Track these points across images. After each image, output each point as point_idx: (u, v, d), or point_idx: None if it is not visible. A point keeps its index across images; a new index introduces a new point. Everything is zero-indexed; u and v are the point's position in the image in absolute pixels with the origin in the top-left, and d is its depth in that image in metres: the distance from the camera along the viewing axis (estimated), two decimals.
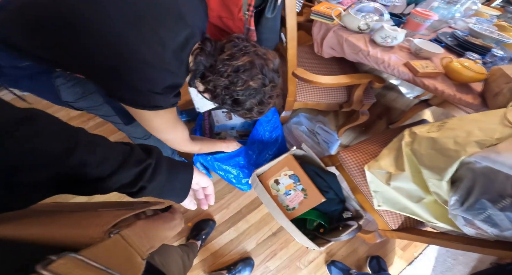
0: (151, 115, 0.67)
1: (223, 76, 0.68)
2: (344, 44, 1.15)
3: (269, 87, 0.73)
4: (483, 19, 1.45)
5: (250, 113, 0.78)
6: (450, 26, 1.41)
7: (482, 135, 0.62)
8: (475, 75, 0.89)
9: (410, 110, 1.53)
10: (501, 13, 1.88)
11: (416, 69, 0.93)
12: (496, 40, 1.17)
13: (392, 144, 0.90)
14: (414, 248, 1.38)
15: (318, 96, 1.30)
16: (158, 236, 0.36)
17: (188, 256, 0.91)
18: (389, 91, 2.08)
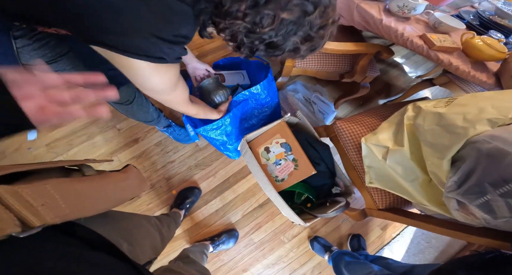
0: (152, 70, 0.52)
1: (238, 18, 0.47)
2: (354, 11, 1.05)
3: (317, 14, 0.49)
4: (510, 3, 1.35)
5: (297, 53, 0.57)
6: (473, 6, 1.31)
7: (496, 113, 0.56)
8: (496, 54, 0.83)
9: (412, 89, 1.46)
10: None
11: (433, 42, 0.85)
12: None
13: (393, 118, 0.84)
14: (393, 229, 1.38)
15: (319, 63, 1.21)
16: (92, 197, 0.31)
17: (168, 226, 0.87)
18: (392, 69, 2.00)
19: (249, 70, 1.50)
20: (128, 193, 0.39)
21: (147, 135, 1.45)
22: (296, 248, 1.26)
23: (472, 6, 1.32)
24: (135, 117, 1.14)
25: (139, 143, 1.43)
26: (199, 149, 1.43)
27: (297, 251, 1.26)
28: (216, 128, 1.20)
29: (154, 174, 1.34)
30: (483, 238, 0.63)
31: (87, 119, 1.48)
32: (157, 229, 0.70)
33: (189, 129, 1.35)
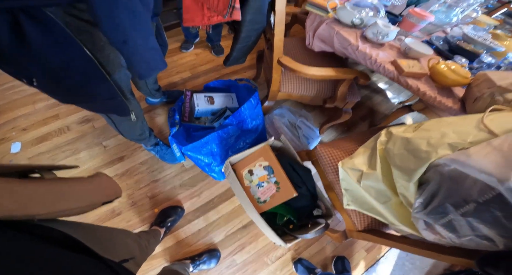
0: None
1: None
2: (334, 38, 1.12)
3: None
4: (479, 28, 1.43)
5: None
6: (444, 31, 1.39)
7: (456, 137, 0.60)
8: (460, 79, 0.87)
9: (393, 114, 1.51)
10: (499, 24, 1.87)
11: (402, 68, 0.91)
12: (487, 47, 1.15)
13: (369, 143, 0.87)
14: (378, 250, 1.38)
15: (303, 88, 1.26)
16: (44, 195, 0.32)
17: (148, 241, 0.87)
18: (375, 95, 2.08)
19: (238, 93, 1.55)
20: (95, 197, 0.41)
21: (133, 154, 1.46)
22: (279, 270, 1.25)
23: (443, 31, 1.40)
24: (129, 134, 1.17)
25: (125, 160, 1.44)
26: (185, 170, 1.44)
27: (281, 273, 1.24)
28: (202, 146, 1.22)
29: (137, 191, 1.34)
30: (452, 257, 0.64)
31: (74, 134, 1.49)
32: (136, 242, 0.70)
33: (175, 148, 1.36)
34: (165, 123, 1.62)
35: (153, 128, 1.52)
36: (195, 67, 2.01)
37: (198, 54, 2.14)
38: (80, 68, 0.67)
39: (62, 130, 1.51)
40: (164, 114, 1.65)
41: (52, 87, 0.70)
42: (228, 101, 1.51)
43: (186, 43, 2.15)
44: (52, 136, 1.47)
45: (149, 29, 0.71)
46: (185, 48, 2.13)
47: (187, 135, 1.40)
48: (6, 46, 0.55)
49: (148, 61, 0.76)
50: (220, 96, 1.51)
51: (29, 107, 1.60)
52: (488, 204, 0.52)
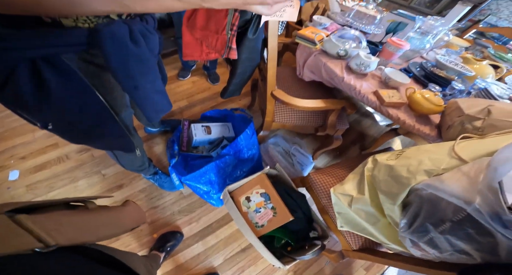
0: None
1: None
2: (322, 69, 1.22)
3: None
4: (452, 51, 1.55)
5: None
6: (422, 56, 1.51)
7: (431, 165, 0.68)
8: (434, 107, 0.97)
9: (381, 138, 1.61)
10: (470, 45, 2.01)
11: (383, 98, 1.00)
12: (458, 73, 1.25)
13: (358, 169, 0.95)
14: (377, 269, 1.42)
15: (295, 118, 1.36)
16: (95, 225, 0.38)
17: (151, 265, 0.90)
18: (365, 118, 2.18)
19: (234, 123, 1.63)
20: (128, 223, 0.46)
21: (132, 182, 1.50)
22: None
23: (421, 56, 1.52)
24: (130, 166, 1.21)
25: (123, 188, 1.47)
26: (183, 197, 1.48)
27: None
28: (201, 176, 1.27)
29: None
30: (439, 270, 0.71)
31: (73, 163, 1.52)
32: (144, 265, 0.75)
33: (174, 178, 1.41)
34: (164, 152, 1.67)
35: (151, 157, 1.57)
36: (192, 95, 2.10)
37: (194, 82, 2.24)
38: (93, 112, 0.72)
39: (61, 159, 1.55)
40: (162, 144, 1.71)
41: (66, 130, 0.75)
42: (224, 131, 1.58)
43: (183, 70, 2.25)
44: (50, 165, 1.51)
45: (156, 74, 0.79)
46: (182, 76, 2.23)
47: (185, 164, 1.46)
48: (27, 95, 0.58)
49: (156, 104, 0.82)
50: (217, 126, 1.59)
51: (28, 136, 1.64)
52: (461, 222, 0.59)
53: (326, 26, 1.48)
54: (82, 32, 0.59)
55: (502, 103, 0.92)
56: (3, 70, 0.53)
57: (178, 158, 1.46)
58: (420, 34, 1.37)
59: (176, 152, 1.50)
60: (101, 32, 0.59)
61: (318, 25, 1.48)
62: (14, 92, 0.56)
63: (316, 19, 1.51)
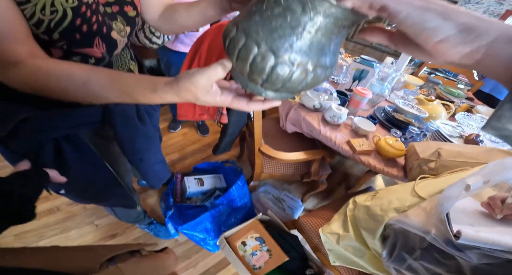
0: None
1: None
2: (302, 122, 1.39)
3: None
4: (409, 91, 1.77)
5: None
6: (386, 99, 1.70)
7: (398, 203, 0.83)
8: (397, 152, 1.15)
9: (363, 177, 1.77)
10: (424, 82, 2.27)
11: (355, 147, 1.18)
12: (415, 116, 1.45)
13: (341, 210, 1.09)
14: None
15: (282, 169, 1.51)
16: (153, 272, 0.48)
17: None
18: (347, 160, 2.37)
19: (225, 174, 1.76)
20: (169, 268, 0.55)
21: (125, 231, 1.52)
22: None
23: (385, 99, 1.72)
24: (127, 218, 1.27)
25: (117, 238, 1.48)
26: (179, 244, 1.52)
27: None
28: (197, 225, 1.35)
29: None
30: None
31: (64, 214, 1.54)
32: None
33: (170, 227, 1.48)
34: (157, 203, 1.73)
35: (146, 208, 1.63)
36: (183, 148, 2.20)
37: (185, 134, 2.35)
38: (103, 180, 0.79)
39: (52, 210, 1.56)
40: (155, 195, 1.77)
41: (77, 195, 0.81)
42: (216, 182, 1.70)
43: (174, 122, 2.35)
44: (41, 216, 1.52)
45: (158, 147, 0.89)
46: (173, 128, 2.33)
47: (180, 213, 1.53)
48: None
49: (158, 173, 0.92)
50: (209, 178, 1.70)
51: None
52: (428, 249, 0.73)
53: None
54: (96, 111, 0.67)
55: (450, 144, 1.12)
56: (35, 150, 0.62)
57: (173, 209, 1.54)
58: (380, 81, 1.58)
59: (171, 204, 1.57)
60: (113, 111, 0.67)
61: None
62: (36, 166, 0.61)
63: None
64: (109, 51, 0.64)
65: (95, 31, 0.58)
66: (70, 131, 0.65)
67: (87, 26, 0.56)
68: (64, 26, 0.51)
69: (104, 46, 0.62)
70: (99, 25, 0.58)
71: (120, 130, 0.71)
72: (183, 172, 1.79)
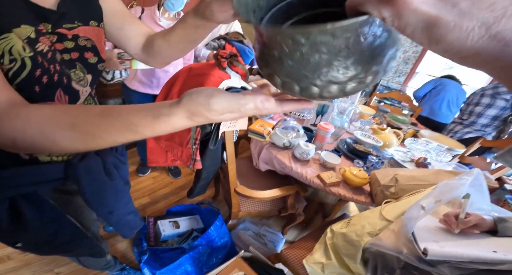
0: None
1: None
2: (274, 161, 1.47)
3: None
4: (365, 121, 1.94)
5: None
6: (346, 131, 1.86)
7: (370, 227, 0.93)
8: (362, 181, 1.29)
9: (337, 205, 1.89)
10: (376, 111, 2.52)
11: (324, 180, 1.29)
12: (372, 145, 1.62)
13: (321, 239, 1.16)
14: None
15: (259, 206, 1.57)
16: None
17: None
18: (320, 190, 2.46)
19: (201, 215, 1.75)
20: None
21: None
22: None
23: (346, 131, 1.85)
24: (95, 266, 1.19)
25: None
26: None
27: None
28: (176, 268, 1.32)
29: None
30: None
31: (17, 263, 1.39)
32: None
33: (147, 272, 1.40)
34: (129, 247, 1.63)
35: (116, 254, 1.52)
36: (154, 191, 2.11)
37: (155, 177, 2.26)
38: (66, 233, 0.75)
39: (1, 259, 1.40)
40: (125, 240, 1.67)
41: (36, 248, 0.75)
42: (193, 223, 1.68)
43: (143, 166, 2.25)
44: None
45: (128, 197, 0.87)
46: (141, 172, 2.22)
47: (155, 257, 1.48)
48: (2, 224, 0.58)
49: (130, 222, 0.89)
50: (185, 220, 1.68)
51: None
52: (406, 268, 0.81)
53: (271, 115, 1.84)
54: (58, 168, 0.62)
55: (404, 170, 1.29)
56: None
57: (148, 253, 1.48)
58: (339, 114, 1.74)
59: (145, 248, 1.51)
60: (77, 167, 0.62)
61: (264, 116, 1.82)
62: None
63: None
64: (72, 103, 0.61)
65: (56, 83, 0.54)
66: (29, 190, 0.60)
67: (48, 77, 0.52)
68: (23, 77, 0.47)
69: (67, 99, 0.58)
70: (60, 76, 0.55)
71: (86, 186, 0.67)
72: (156, 215, 1.73)
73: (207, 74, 1.85)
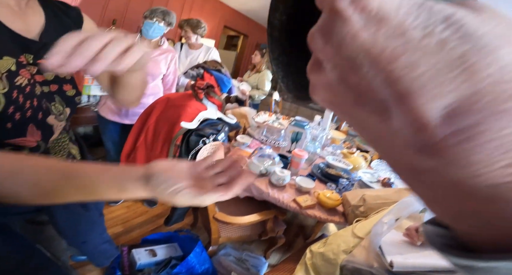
0: None
1: None
2: (252, 188, 1.54)
3: None
4: (336, 146, 2.07)
5: None
6: (320, 156, 1.98)
7: (345, 245, 1.03)
8: (335, 202, 1.40)
9: (317, 226, 1.97)
10: (346, 136, 2.65)
11: (300, 204, 1.38)
12: (342, 169, 1.76)
13: (302, 260, 1.23)
14: None
15: (239, 231, 1.61)
16: None
17: None
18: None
19: (180, 243, 1.72)
20: None
21: None
22: None
23: (320, 156, 1.97)
24: None
25: None
26: None
27: None
28: None
29: None
30: None
31: None
32: None
33: None
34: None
35: None
36: (128, 220, 2.03)
37: (129, 206, 2.17)
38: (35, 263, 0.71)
39: None
40: (96, 270, 1.60)
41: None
42: (171, 251, 1.63)
43: None
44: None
45: (103, 228, 0.86)
46: (113, 201, 2.12)
47: None
48: None
49: (104, 252, 0.88)
50: (162, 248, 1.63)
51: None
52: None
53: (248, 144, 1.92)
54: None
55: (371, 190, 1.43)
56: None
57: None
58: (312, 140, 1.87)
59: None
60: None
61: (242, 145, 1.91)
62: None
63: (239, 139, 1.95)
64: (45, 139, 0.60)
65: (29, 119, 0.54)
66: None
67: (20, 113, 0.51)
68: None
69: (40, 134, 0.58)
70: (34, 111, 0.54)
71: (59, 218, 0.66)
72: (130, 244, 1.67)
73: (184, 106, 1.93)
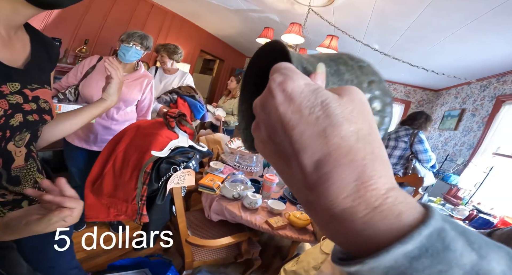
0: None
1: None
2: (225, 211, 1.58)
3: None
4: None
5: None
6: None
7: (314, 262, 1.11)
8: (304, 222, 1.48)
9: (292, 246, 2.00)
10: None
11: (272, 225, 1.45)
12: None
13: None
14: None
15: (214, 254, 1.61)
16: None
17: None
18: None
19: (151, 268, 1.64)
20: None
21: None
22: None
23: None
24: None
25: None
26: None
27: None
28: None
29: None
30: None
31: None
32: None
33: None
34: None
35: None
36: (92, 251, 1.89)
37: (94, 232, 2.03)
38: None
39: None
40: None
41: None
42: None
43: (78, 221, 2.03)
44: None
45: (73, 254, 0.85)
46: (75, 227, 1.90)
47: None
48: None
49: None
50: (131, 274, 1.57)
51: None
52: None
53: (221, 170, 1.96)
54: None
55: None
56: None
57: None
58: None
59: None
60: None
61: (215, 171, 1.95)
62: None
63: (212, 166, 1.99)
64: (6, 166, 0.61)
65: None
66: None
67: None
68: None
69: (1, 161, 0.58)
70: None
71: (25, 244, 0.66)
72: (95, 271, 1.59)
73: (155, 134, 1.94)
